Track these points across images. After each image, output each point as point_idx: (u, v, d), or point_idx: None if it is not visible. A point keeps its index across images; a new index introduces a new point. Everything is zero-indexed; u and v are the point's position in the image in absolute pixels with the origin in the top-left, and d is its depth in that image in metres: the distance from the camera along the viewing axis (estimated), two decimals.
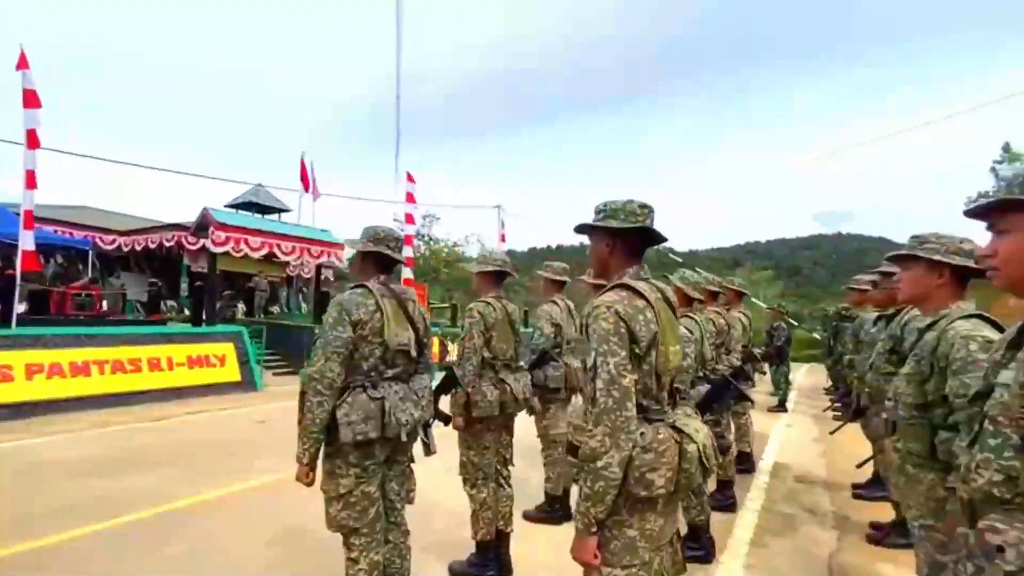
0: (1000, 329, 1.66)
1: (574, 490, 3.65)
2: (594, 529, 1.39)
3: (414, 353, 2.19)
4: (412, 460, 2.31)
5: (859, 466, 3.55)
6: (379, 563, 2.06)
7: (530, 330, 4.08)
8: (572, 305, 3.76)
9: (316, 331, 11.27)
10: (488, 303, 2.83)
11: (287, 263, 16.36)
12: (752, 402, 3.93)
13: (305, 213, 16.01)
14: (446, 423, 2.67)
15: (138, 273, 16.36)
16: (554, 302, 3.63)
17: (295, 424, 2.05)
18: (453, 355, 15.69)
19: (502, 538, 2.80)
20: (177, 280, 14.93)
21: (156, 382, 9.29)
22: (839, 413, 7.43)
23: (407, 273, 16.01)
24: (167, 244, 14.56)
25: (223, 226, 10.81)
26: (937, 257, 1.78)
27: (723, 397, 1.67)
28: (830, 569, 3.00)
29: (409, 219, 16.46)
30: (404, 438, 2.10)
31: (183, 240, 14.31)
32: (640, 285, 1.50)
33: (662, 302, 1.53)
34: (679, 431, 1.45)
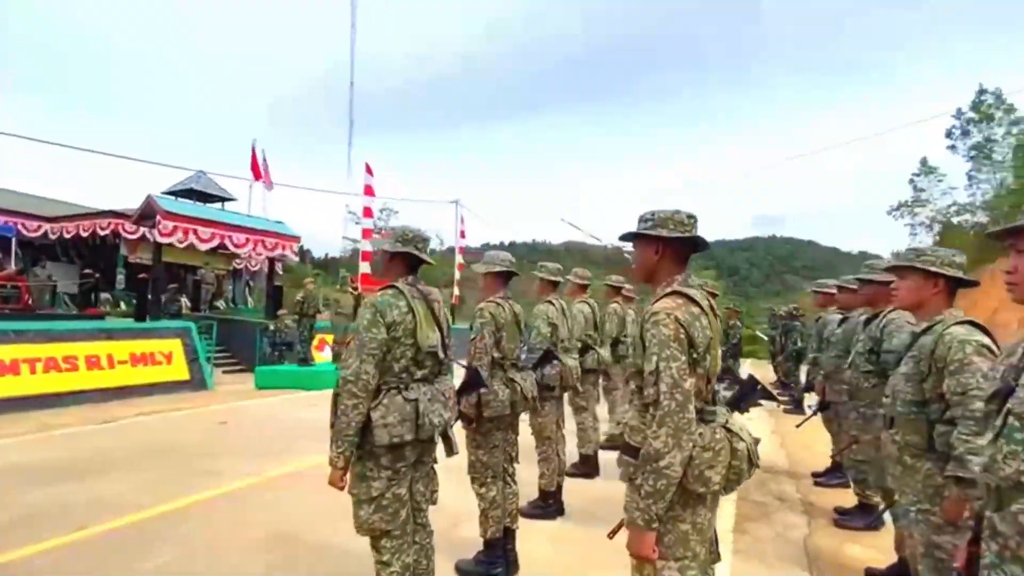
0: (989, 334, 1.88)
1: (567, 485, 3.77)
2: (655, 525, 1.47)
3: (441, 354, 2.20)
4: (435, 461, 2.32)
5: (833, 457, 3.84)
6: (410, 565, 2.06)
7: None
8: (565, 305, 3.84)
9: (271, 327, 10.94)
10: (498, 303, 2.86)
11: (234, 255, 15.62)
12: (779, 402, 4.14)
13: (255, 203, 15.35)
14: (469, 423, 2.69)
15: (67, 263, 15.12)
16: (550, 302, 3.70)
17: (259, 425, 2.02)
18: None
19: (509, 535, 2.85)
20: (113, 271, 13.91)
21: (96, 381, 8.67)
22: (789, 407, 7.98)
23: (365, 268, 15.68)
24: (101, 232, 13.55)
25: (171, 215, 10.19)
26: (933, 268, 1.98)
27: (750, 397, 1.79)
28: (806, 552, 3.24)
29: (367, 213, 16.08)
30: (437, 440, 2.11)
31: (120, 228, 13.36)
32: (693, 292, 1.58)
33: (709, 309, 1.62)
34: (729, 430, 1.55)
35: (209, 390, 9.62)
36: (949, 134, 22.00)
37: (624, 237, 1.75)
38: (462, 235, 20.65)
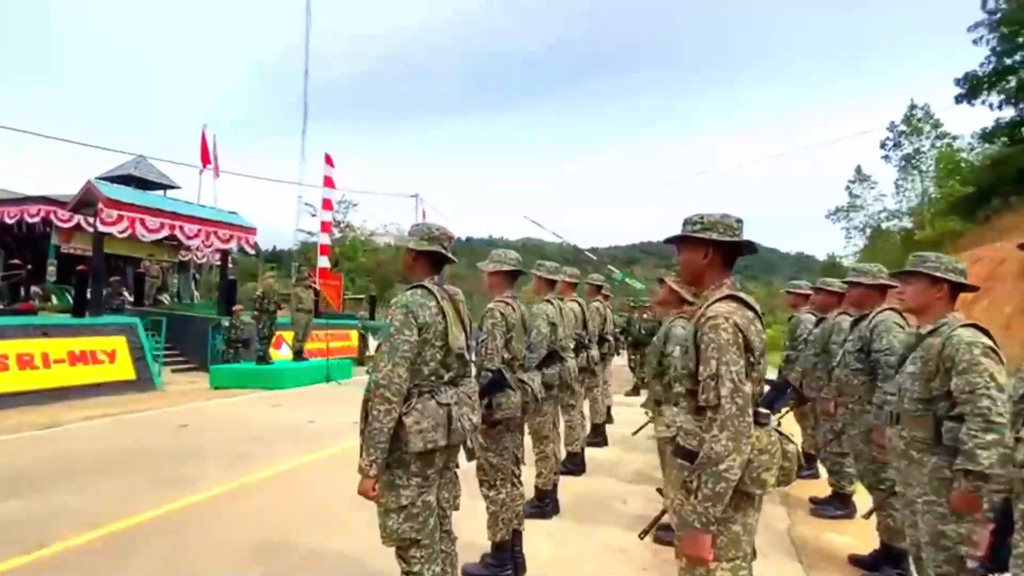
0: (991, 337, 2.02)
1: (562, 483, 3.78)
2: (712, 527, 1.49)
3: (468, 356, 2.14)
4: (457, 465, 2.26)
5: (806, 451, 4.02)
6: (439, 574, 2.00)
7: None
8: (563, 305, 3.85)
9: (224, 323, 10.45)
10: (508, 303, 2.83)
11: (178, 247, 14.72)
12: (809, 402, 4.25)
13: (204, 192, 14.53)
14: (492, 427, 2.64)
15: None
16: (548, 301, 3.69)
17: (224, 427, 1.93)
18: (373, 350, 15.15)
19: (516, 536, 2.83)
20: (43, 262, 12.82)
21: (30, 382, 8.01)
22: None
23: (324, 262, 15.23)
24: (30, 220, 12.44)
25: (115, 203, 9.48)
26: (938, 274, 2.11)
27: (782, 399, 1.85)
28: (792, 541, 3.40)
29: (327, 205, 15.67)
30: (470, 444, 2.06)
31: (52, 216, 12.32)
32: (747, 297, 1.61)
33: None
34: (780, 433, 1.59)
35: (158, 390, 9.08)
36: (883, 145, 23.57)
37: (671, 240, 1.76)
38: None
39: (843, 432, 3.27)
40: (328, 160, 15.44)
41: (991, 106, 21.63)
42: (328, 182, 15.44)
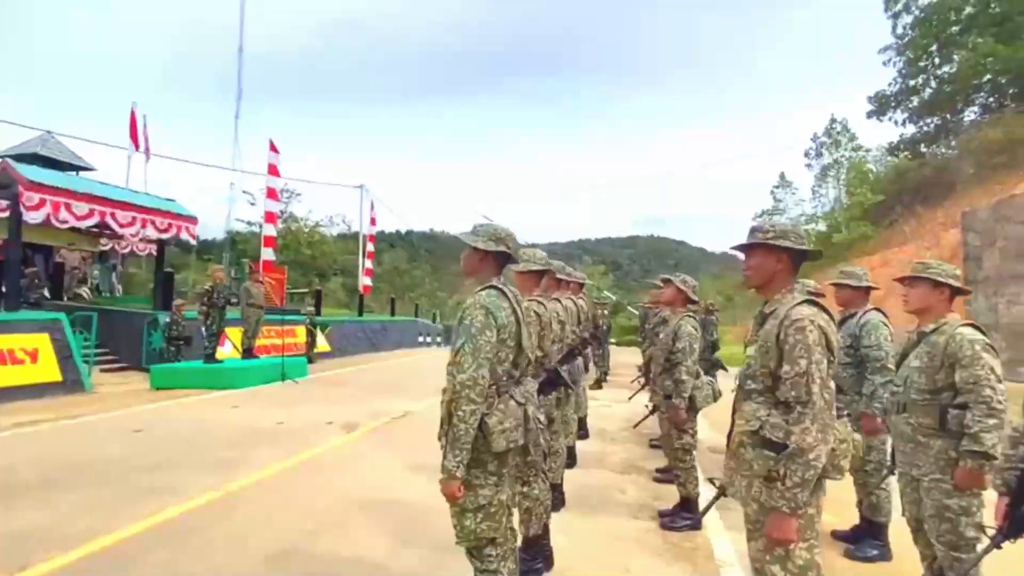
0: (986, 335, 2.31)
1: (568, 476, 3.87)
2: (800, 511, 1.63)
3: (531, 355, 2.18)
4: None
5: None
6: (515, 571, 2.03)
7: None
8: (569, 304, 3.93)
9: (163, 319, 9.74)
10: (540, 303, 2.88)
11: (100, 235, 13.45)
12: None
13: (134, 176, 13.39)
14: (549, 423, 2.68)
15: None
16: (557, 299, 3.77)
17: (184, 431, 1.92)
18: (321, 345, 14.58)
19: (544, 530, 2.90)
20: None
21: None
22: None
23: (268, 254, 14.51)
24: None
25: (37, 186, 8.53)
26: (941, 279, 2.38)
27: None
28: None
29: (272, 194, 14.91)
30: (541, 442, 2.09)
31: None
32: (823, 301, 1.76)
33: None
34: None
35: (88, 392, 8.32)
36: (807, 154, 25.54)
37: (742, 247, 1.89)
38: (372, 222, 19.81)
39: None
40: (272, 147, 14.66)
41: (896, 122, 24.08)
42: (272, 170, 14.66)
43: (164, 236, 10.92)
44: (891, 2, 23.40)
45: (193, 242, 12.35)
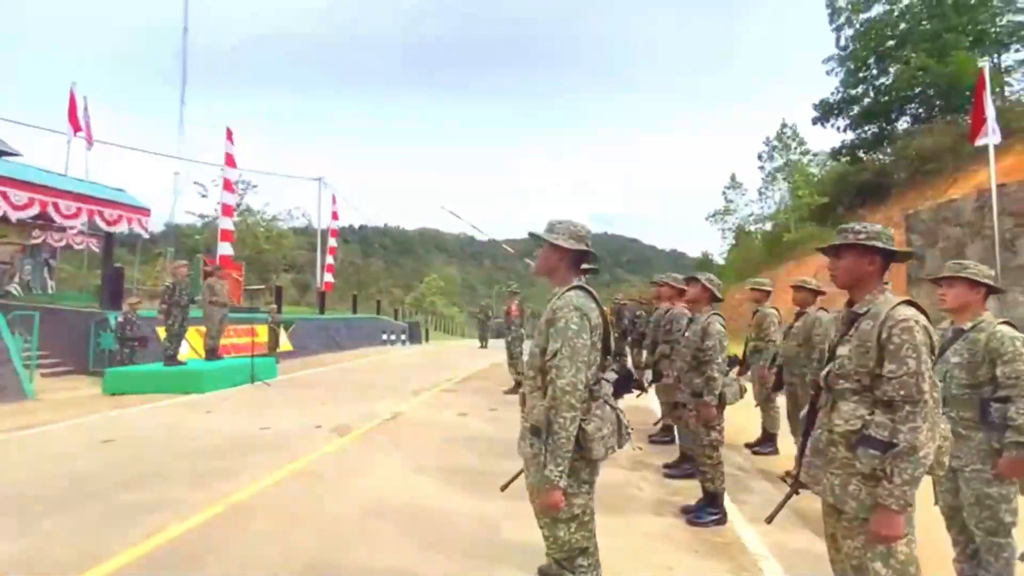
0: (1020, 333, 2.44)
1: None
2: (909, 508, 1.66)
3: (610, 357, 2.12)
4: None
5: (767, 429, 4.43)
6: None
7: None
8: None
9: (115, 318, 9.04)
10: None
11: (32, 227, 12.31)
12: (784, 387, 4.68)
13: (73, 164, 12.33)
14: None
15: None
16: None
17: (160, 440, 1.83)
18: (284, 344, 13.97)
19: None
20: None
21: None
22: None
23: (226, 249, 13.80)
24: None
25: None
26: (979, 279, 2.50)
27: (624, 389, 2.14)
28: (798, 513, 3.79)
29: (228, 186, 14.14)
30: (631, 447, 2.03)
31: None
32: (920, 302, 1.79)
33: None
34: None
35: (31, 400, 7.59)
36: (760, 157, 26.69)
37: (832, 247, 1.90)
38: (334, 216, 19.14)
39: None
40: (229, 135, 13.90)
41: (838, 129, 25.50)
42: (229, 160, 13.90)
43: (113, 229, 10.09)
44: (835, 16, 24.78)
45: (145, 235, 11.49)
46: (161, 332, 10.31)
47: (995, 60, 22.49)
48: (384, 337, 20.47)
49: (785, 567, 2.95)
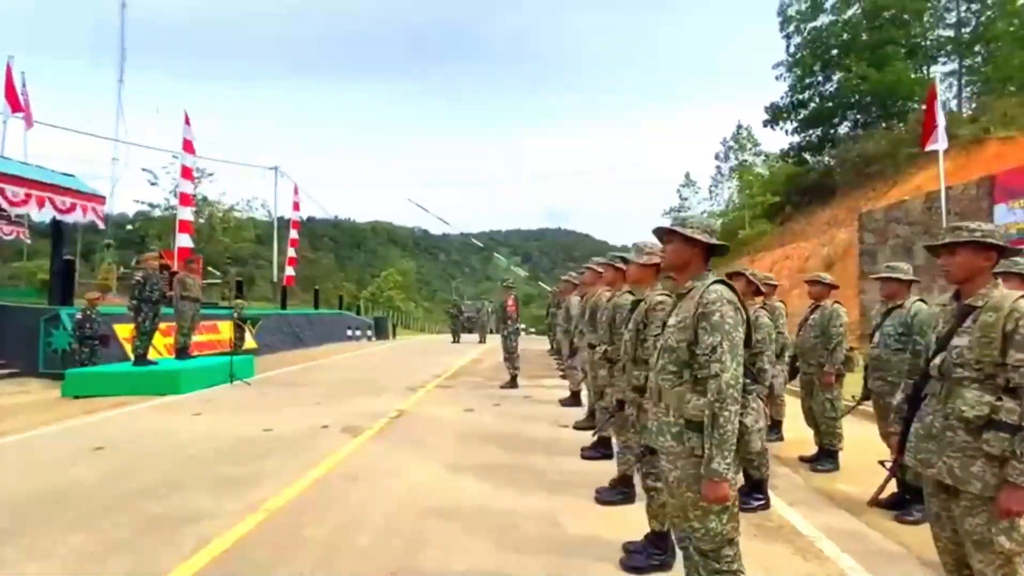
0: None
1: (600, 468, 3.88)
2: None
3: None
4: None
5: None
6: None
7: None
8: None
9: (76, 315, 8.38)
10: (668, 296, 2.85)
11: None
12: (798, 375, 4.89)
13: (11, 145, 11.20)
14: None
15: None
16: (630, 292, 3.75)
17: (158, 446, 1.77)
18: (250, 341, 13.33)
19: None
20: None
21: None
22: None
23: (184, 241, 13.01)
24: None
25: None
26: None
27: None
28: (827, 496, 3.99)
29: (187, 173, 13.33)
30: None
31: None
32: None
33: None
34: None
35: None
36: (717, 156, 27.75)
37: (946, 245, 2.00)
38: (295, 207, 18.35)
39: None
40: (186, 119, 13.04)
41: (786, 132, 26.95)
42: (188, 146, 13.05)
43: (67, 217, 9.25)
44: (785, 24, 26.11)
45: (101, 225, 10.57)
46: (120, 330, 9.61)
47: (926, 71, 24.43)
48: (349, 333, 19.88)
49: (840, 547, 3.10)
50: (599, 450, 4.69)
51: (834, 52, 24.64)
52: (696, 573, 1.99)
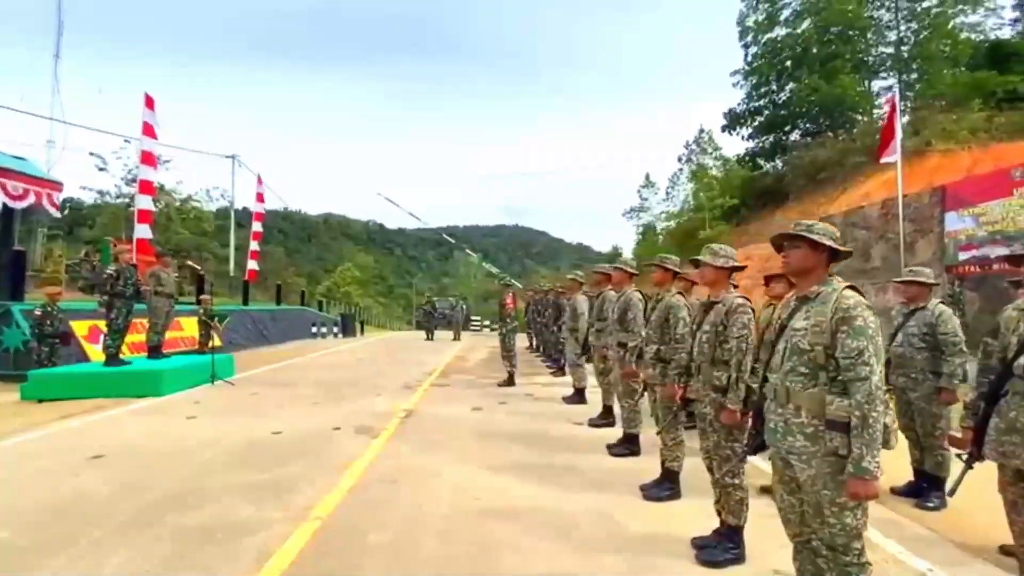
0: None
1: (635, 465, 3.94)
2: None
3: None
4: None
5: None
6: None
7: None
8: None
9: (35, 311, 7.73)
10: (748, 299, 2.93)
11: None
12: None
13: None
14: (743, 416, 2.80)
15: None
16: (681, 294, 3.83)
17: (163, 453, 1.81)
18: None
19: None
20: None
21: None
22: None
23: (144, 232, 12.22)
24: None
25: None
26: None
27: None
28: None
29: (148, 159, 12.51)
30: None
31: None
32: None
33: None
34: None
35: None
36: (680, 159, 28.61)
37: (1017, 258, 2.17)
38: (259, 199, 17.50)
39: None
40: (148, 102, 12.20)
41: (742, 137, 28.13)
42: (148, 130, 12.20)
43: (17, 204, 8.42)
44: (744, 33, 27.22)
45: (57, 213, 9.68)
46: (78, 327, 8.90)
47: (868, 85, 26.11)
48: (314, 330, 19.23)
49: (884, 534, 3.28)
50: (626, 447, 4.76)
51: (788, 63, 25.90)
52: (821, 567, 2.06)
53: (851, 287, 2.04)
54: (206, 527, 3.11)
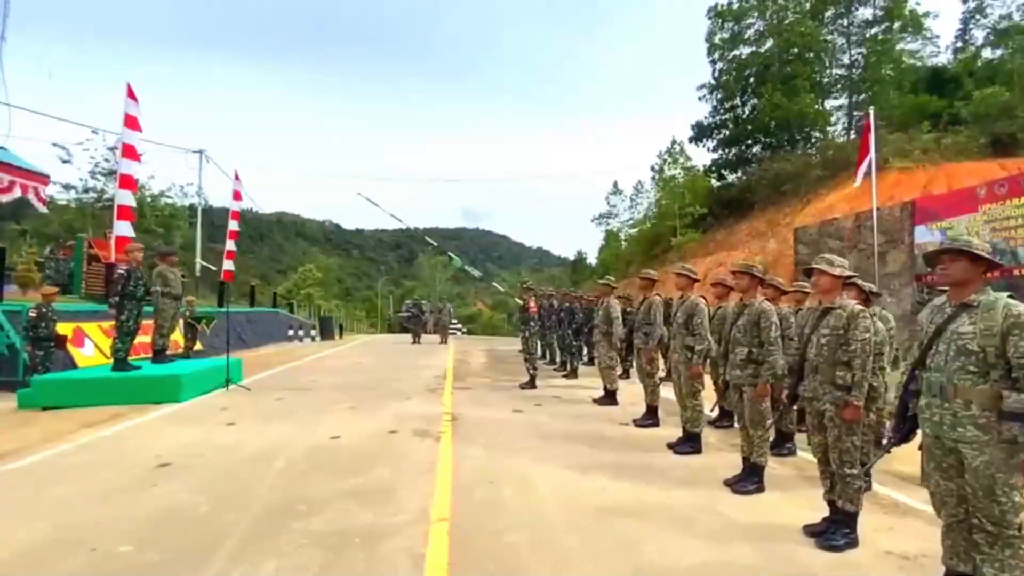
0: None
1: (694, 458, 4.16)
2: None
3: None
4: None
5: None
6: None
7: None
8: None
9: (4, 312, 7.31)
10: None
11: None
12: None
13: None
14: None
15: None
16: (704, 297, 4.10)
17: (219, 459, 1.97)
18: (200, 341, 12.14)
19: None
20: None
21: None
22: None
23: (125, 229, 11.50)
24: None
25: None
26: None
27: None
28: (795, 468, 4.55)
29: (130, 152, 11.79)
30: None
31: None
32: None
33: None
34: None
35: None
36: (652, 168, 29.52)
37: None
38: (236, 196, 16.74)
39: None
40: (130, 92, 11.51)
41: (708, 149, 29.42)
42: (132, 122, 11.50)
43: (2, 198, 7.79)
44: (712, 50, 28.51)
45: (43, 208, 8.96)
46: (62, 329, 8.32)
47: (823, 104, 27.87)
48: (291, 333, 18.60)
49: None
50: (689, 445, 4.96)
51: (751, 80, 27.32)
52: (977, 542, 2.29)
53: (1011, 296, 2.30)
54: (339, 533, 3.05)
